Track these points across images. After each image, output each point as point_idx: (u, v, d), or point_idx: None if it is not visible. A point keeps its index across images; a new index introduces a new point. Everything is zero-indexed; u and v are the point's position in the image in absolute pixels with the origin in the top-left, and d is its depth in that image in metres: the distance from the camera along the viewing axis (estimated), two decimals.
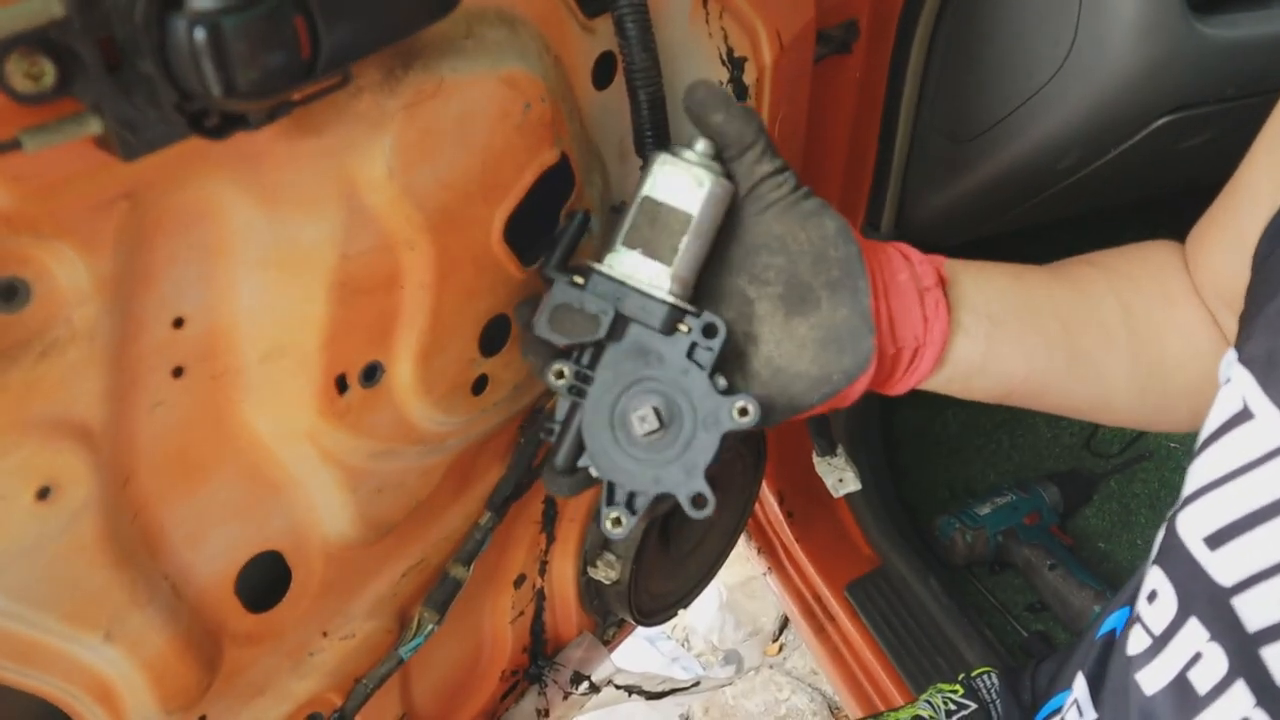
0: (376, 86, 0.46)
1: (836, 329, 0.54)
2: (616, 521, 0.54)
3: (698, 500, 0.53)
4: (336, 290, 0.49)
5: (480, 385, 0.62)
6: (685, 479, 0.53)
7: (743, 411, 0.52)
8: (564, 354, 0.55)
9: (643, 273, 0.54)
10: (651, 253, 0.54)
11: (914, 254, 0.59)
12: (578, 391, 0.54)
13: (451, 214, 0.52)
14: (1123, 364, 0.61)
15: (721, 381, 0.53)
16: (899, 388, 0.59)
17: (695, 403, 0.53)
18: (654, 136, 0.58)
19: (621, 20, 0.55)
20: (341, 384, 0.53)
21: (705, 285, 0.57)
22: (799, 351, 0.55)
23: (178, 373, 0.47)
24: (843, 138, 1.02)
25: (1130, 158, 0.91)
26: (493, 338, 0.61)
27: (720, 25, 0.71)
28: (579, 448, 0.55)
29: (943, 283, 0.58)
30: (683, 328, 0.53)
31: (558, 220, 0.61)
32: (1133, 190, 1.20)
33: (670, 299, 0.53)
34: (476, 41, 0.50)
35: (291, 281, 0.48)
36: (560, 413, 0.55)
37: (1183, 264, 0.65)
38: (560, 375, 0.54)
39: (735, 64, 0.73)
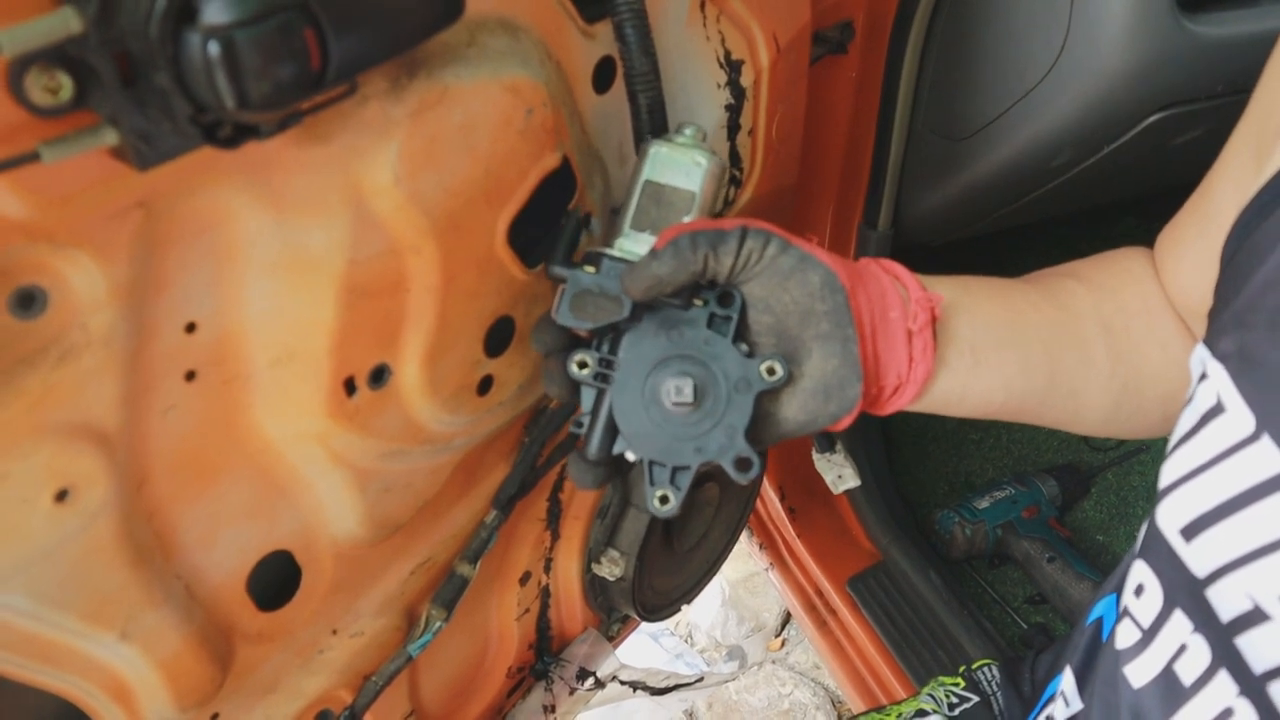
0: (383, 95, 0.46)
1: (826, 380, 0.54)
2: (664, 499, 0.54)
3: (742, 463, 0.53)
4: (344, 294, 0.50)
5: (485, 386, 0.63)
6: (728, 444, 0.53)
7: (770, 371, 0.53)
8: (584, 345, 0.55)
9: None
10: (659, 231, 0.56)
11: (912, 285, 0.58)
12: (603, 379, 0.54)
13: (456, 218, 0.53)
14: (1099, 381, 0.62)
15: (744, 346, 0.54)
16: (876, 414, 0.60)
17: (724, 369, 0.53)
18: (654, 139, 0.59)
19: (621, 25, 0.56)
20: (350, 386, 0.54)
21: None
22: (789, 400, 0.55)
23: (190, 377, 0.48)
24: (840, 137, 1.03)
25: (1122, 155, 0.92)
26: (497, 339, 0.62)
27: (718, 29, 0.71)
28: (612, 434, 0.55)
29: (934, 320, 0.57)
30: (698, 301, 0.54)
31: (560, 223, 0.62)
32: (1125, 187, 1.21)
33: None
34: (479, 49, 0.51)
35: (301, 286, 0.49)
36: (586, 404, 0.55)
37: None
38: (583, 365, 0.54)
39: (733, 66, 0.74)
